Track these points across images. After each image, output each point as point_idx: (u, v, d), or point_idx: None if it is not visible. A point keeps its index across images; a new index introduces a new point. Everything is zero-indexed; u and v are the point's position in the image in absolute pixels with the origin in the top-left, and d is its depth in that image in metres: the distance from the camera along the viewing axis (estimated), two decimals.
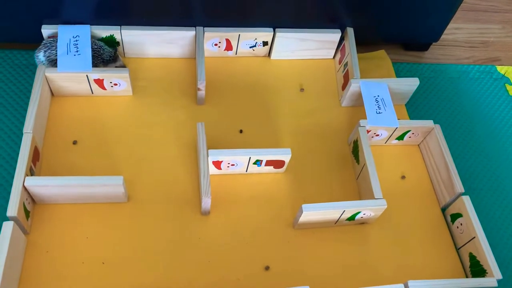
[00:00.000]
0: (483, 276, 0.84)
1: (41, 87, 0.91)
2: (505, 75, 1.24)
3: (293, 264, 0.86)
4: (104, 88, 0.98)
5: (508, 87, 1.22)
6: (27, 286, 0.78)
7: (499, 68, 1.25)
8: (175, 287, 0.80)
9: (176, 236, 0.86)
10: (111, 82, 0.97)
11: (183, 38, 1.04)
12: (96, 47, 0.98)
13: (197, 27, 1.04)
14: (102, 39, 1.01)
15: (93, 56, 0.97)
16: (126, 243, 0.84)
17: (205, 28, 1.04)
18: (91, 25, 0.99)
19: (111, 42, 1.02)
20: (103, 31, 1.00)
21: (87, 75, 0.94)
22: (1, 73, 1.02)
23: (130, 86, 0.99)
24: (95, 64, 0.98)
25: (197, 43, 1.03)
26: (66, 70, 0.93)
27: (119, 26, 1.00)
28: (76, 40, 0.95)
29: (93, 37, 0.99)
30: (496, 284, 0.82)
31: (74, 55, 0.94)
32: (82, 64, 0.94)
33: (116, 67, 1.01)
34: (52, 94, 0.98)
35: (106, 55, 0.99)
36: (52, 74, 0.93)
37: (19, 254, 0.79)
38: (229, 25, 1.05)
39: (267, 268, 0.85)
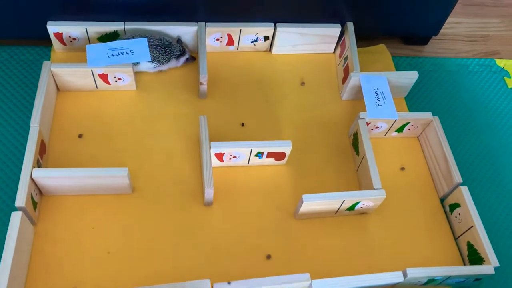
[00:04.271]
0: (481, 264, 0.86)
1: (47, 82, 0.93)
2: (504, 68, 1.25)
3: (293, 253, 0.87)
4: (108, 83, 1.00)
5: (507, 80, 1.23)
6: (36, 274, 0.80)
7: (498, 61, 1.27)
8: (178, 275, 0.82)
9: (179, 226, 0.88)
10: (115, 77, 0.99)
11: (185, 33, 1.06)
12: (167, 43, 1.01)
13: (199, 23, 1.06)
14: (106, 35, 1.03)
15: (165, 52, 1.01)
16: (130, 234, 0.86)
17: (207, 23, 1.06)
18: (95, 20, 1.01)
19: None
20: (107, 27, 1.02)
21: (91, 70, 0.96)
22: (8, 69, 1.04)
23: (134, 81, 1.01)
24: (167, 60, 1.02)
25: (199, 38, 1.05)
26: (88, 54, 0.95)
27: (123, 22, 1.02)
28: (127, 53, 0.96)
29: (159, 34, 1.03)
30: (493, 272, 0.83)
31: (107, 53, 0.96)
32: (96, 61, 0.95)
33: (187, 59, 1.05)
34: (58, 89, 1.00)
35: (177, 50, 1.02)
36: (58, 69, 0.95)
37: (27, 243, 0.81)
38: (231, 20, 1.07)
39: (268, 257, 0.86)
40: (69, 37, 1.03)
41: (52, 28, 1.00)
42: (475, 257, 0.88)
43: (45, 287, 0.79)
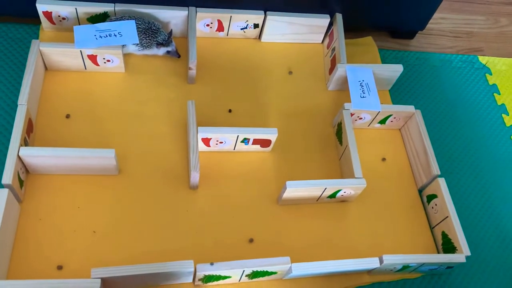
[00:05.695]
0: (453, 253, 0.90)
1: (36, 61, 0.93)
2: (486, 65, 1.29)
3: (275, 237, 0.90)
4: (97, 64, 1.00)
5: (488, 77, 1.26)
6: (20, 252, 0.81)
7: (480, 58, 1.30)
8: (163, 256, 0.84)
9: (164, 208, 0.89)
10: (104, 58, 0.99)
11: (175, 18, 1.07)
12: (154, 28, 1.00)
13: (189, 7, 1.06)
14: (96, 16, 1.03)
15: (149, 36, 1.00)
16: (116, 214, 0.87)
17: (197, 8, 1.06)
18: (86, 1, 1.01)
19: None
20: (98, 8, 1.02)
21: (80, 51, 0.96)
22: None
23: (123, 63, 1.01)
24: (149, 45, 1.01)
25: (189, 23, 1.05)
26: (76, 35, 0.95)
27: (113, 4, 1.02)
28: (115, 35, 0.96)
29: (148, 17, 1.02)
30: (464, 260, 0.87)
31: (95, 34, 0.96)
32: (84, 42, 0.95)
33: (168, 51, 1.04)
34: (46, 68, 1.00)
35: (161, 38, 1.01)
36: (47, 49, 0.95)
37: (13, 221, 0.82)
38: (221, 6, 1.07)
39: (251, 240, 0.89)
40: (59, 16, 1.02)
41: (42, 6, 1.00)
42: (448, 246, 0.92)
43: (30, 265, 0.80)
